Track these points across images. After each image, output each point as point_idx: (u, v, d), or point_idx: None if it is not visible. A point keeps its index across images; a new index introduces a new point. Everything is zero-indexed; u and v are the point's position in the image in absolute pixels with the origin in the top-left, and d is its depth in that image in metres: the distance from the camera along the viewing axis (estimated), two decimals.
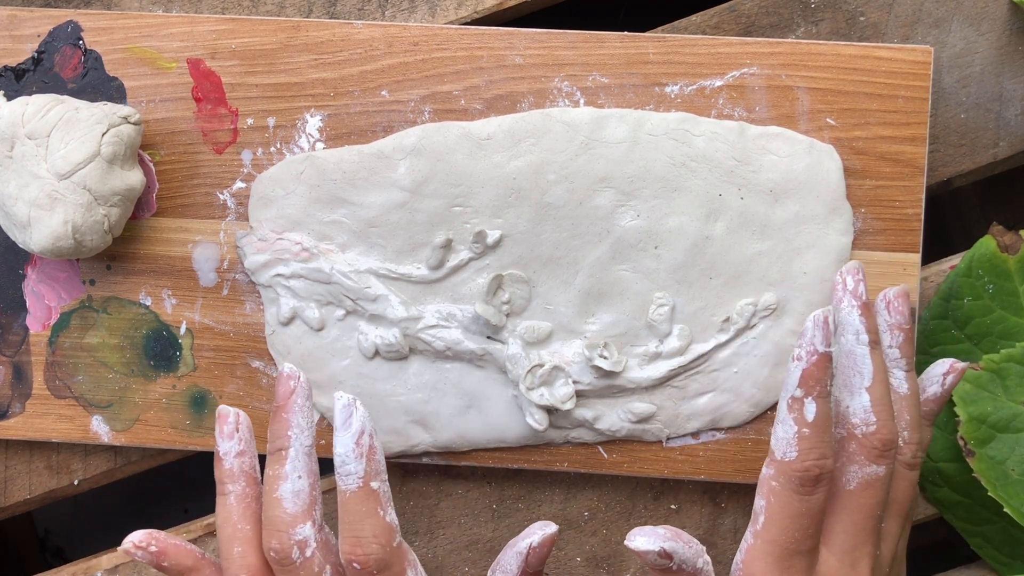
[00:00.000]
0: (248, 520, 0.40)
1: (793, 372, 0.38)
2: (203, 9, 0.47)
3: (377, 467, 0.38)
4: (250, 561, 0.39)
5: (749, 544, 0.38)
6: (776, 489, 0.37)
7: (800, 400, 0.37)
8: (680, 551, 0.37)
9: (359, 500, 0.38)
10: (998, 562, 0.46)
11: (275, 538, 0.38)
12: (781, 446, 0.37)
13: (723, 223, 0.44)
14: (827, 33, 0.46)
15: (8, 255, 0.46)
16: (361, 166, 0.44)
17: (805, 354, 0.37)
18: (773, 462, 0.38)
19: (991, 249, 0.45)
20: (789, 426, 0.37)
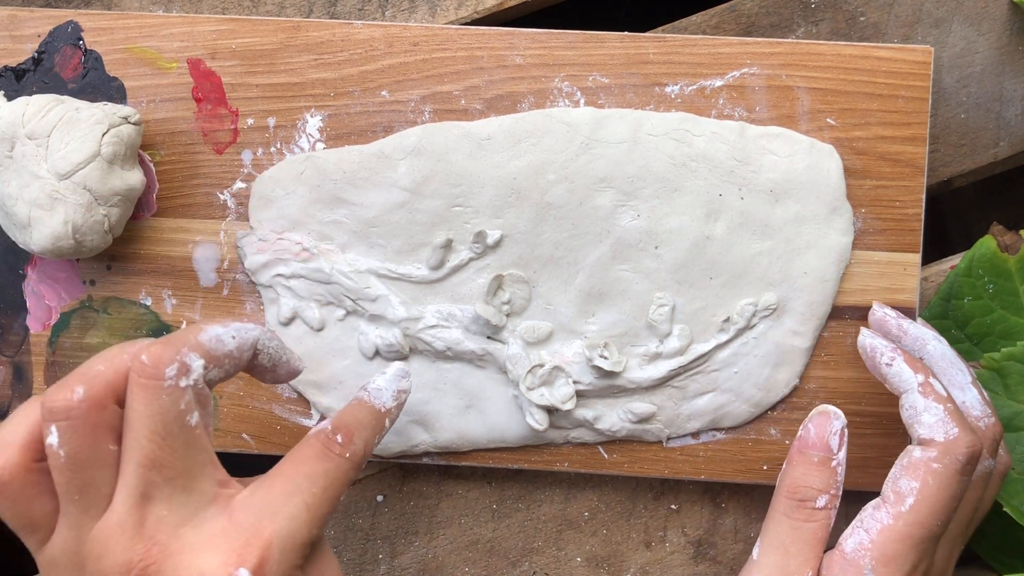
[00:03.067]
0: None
1: (901, 369, 0.39)
2: (203, 9, 0.47)
3: (394, 415, 0.39)
4: (104, 366, 0.34)
5: (886, 525, 0.37)
6: (938, 471, 0.37)
7: (927, 383, 0.38)
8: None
9: (362, 407, 0.38)
10: (998, 562, 0.46)
11: (163, 345, 0.33)
12: (939, 428, 0.38)
13: (723, 223, 0.44)
14: (827, 33, 0.46)
15: (8, 255, 0.46)
16: (361, 166, 0.44)
17: (895, 352, 0.39)
18: (935, 445, 0.37)
19: (991, 249, 0.45)
20: (935, 408, 0.38)
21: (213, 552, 0.32)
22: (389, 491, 0.47)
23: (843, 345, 0.45)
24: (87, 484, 0.32)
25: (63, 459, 0.32)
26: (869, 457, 0.45)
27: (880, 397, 0.45)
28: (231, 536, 0.32)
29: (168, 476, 0.32)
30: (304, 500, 0.34)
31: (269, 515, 0.33)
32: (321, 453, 0.35)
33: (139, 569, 0.31)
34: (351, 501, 0.47)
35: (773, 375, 0.44)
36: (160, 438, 0.32)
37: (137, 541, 0.32)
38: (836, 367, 0.45)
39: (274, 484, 0.34)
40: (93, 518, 0.32)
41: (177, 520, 0.32)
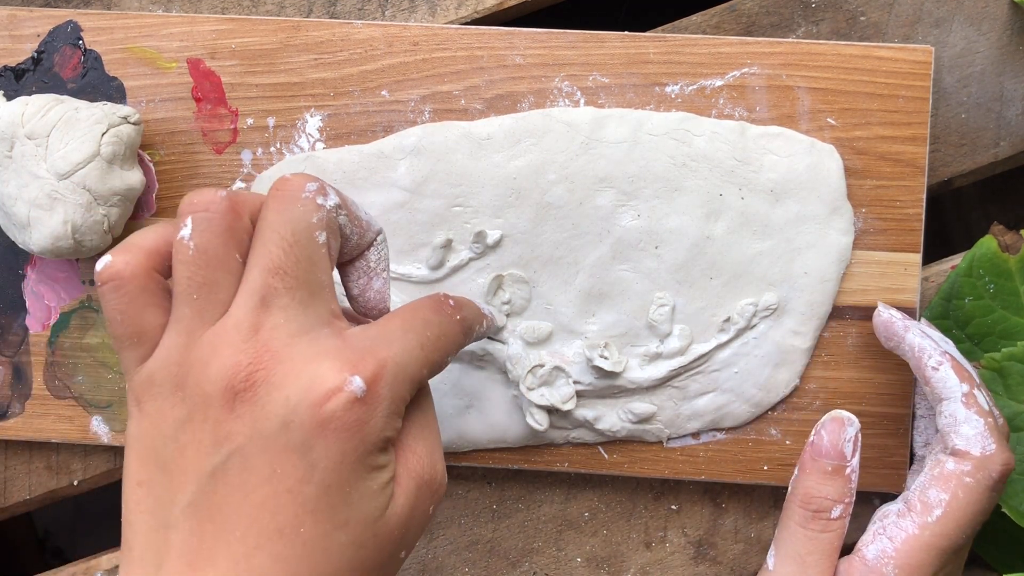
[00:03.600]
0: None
1: (947, 375, 0.39)
2: (203, 9, 0.47)
3: (485, 326, 0.39)
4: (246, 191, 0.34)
5: (912, 535, 0.37)
6: (970, 486, 0.37)
7: (971, 394, 0.38)
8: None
9: (466, 297, 0.39)
10: (998, 562, 0.46)
11: (306, 174, 0.33)
12: (977, 443, 0.37)
13: (724, 223, 0.44)
14: (828, 33, 0.46)
15: (8, 255, 0.46)
16: (361, 166, 0.44)
17: (943, 357, 0.39)
18: (970, 459, 0.37)
19: (992, 249, 0.45)
20: (976, 421, 0.38)
21: (327, 361, 0.31)
22: None
23: (844, 345, 0.44)
24: (209, 283, 0.31)
25: (192, 251, 0.31)
26: (870, 458, 0.45)
27: (881, 397, 0.45)
28: (345, 351, 0.31)
29: (289, 285, 0.32)
30: (418, 339, 0.33)
31: (385, 343, 0.32)
32: (435, 307, 0.35)
33: (248, 372, 0.31)
34: None
35: (773, 375, 0.44)
36: (288, 244, 0.32)
37: (250, 344, 0.31)
38: (837, 367, 0.45)
39: (389, 322, 0.34)
40: (207, 322, 0.31)
41: (292, 330, 0.31)
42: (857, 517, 0.43)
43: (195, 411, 0.31)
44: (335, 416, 0.30)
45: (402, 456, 0.33)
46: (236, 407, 0.31)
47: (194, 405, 0.31)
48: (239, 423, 0.31)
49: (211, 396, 0.31)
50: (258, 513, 0.30)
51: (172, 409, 0.31)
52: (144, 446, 0.32)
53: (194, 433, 0.31)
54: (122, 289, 0.31)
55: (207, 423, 0.31)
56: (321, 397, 0.30)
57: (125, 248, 0.32)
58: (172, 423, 0.31)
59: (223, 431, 0.31)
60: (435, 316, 0.35)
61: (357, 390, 0.31)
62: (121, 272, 0.31)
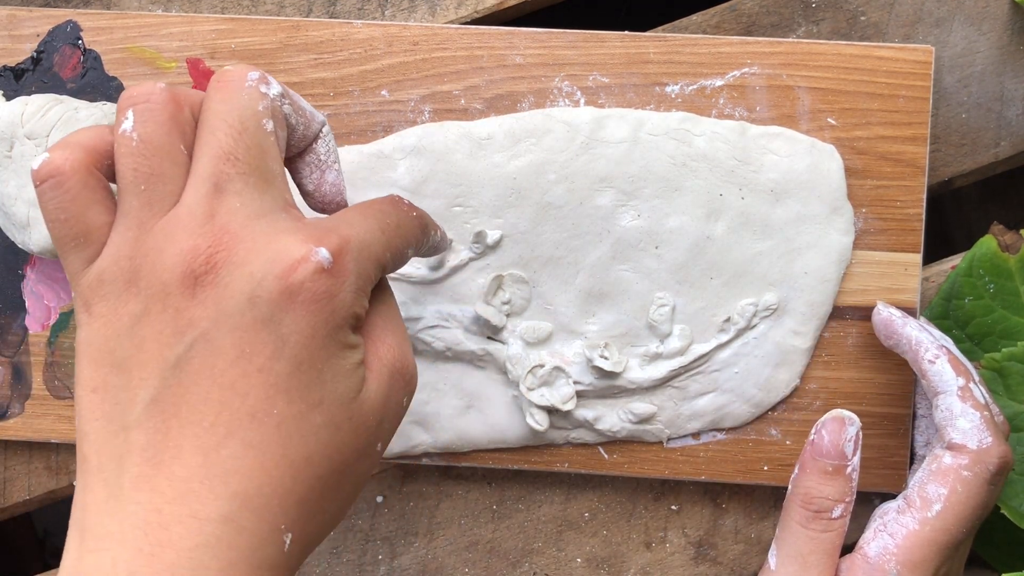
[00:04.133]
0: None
1: (943, 369, 0.39)
2: (202, 9, 0.47)
3: (438, 238, 0.39)
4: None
5: (912, 530, 0.37)
6: (968, 479, 0.37)
7: (967, 387, 0.38)
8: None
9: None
10: (998, 562, 0.46)
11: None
12: (974, 436, 0.38)
13: (724, 223, 0.43)
14: (828, 33, 0.46)
15: (7, 255, 0.46)
16: (361, 166, 0.44)
17: (940, 351, 0.39)
18: (967, 452, 0.37)
19: (992, 249, 0.44)
20: (972, 415, 0.38)
21: (290, 235, 0.30)
22: (389, 492, 0.47)
23: (844, 345, 0.44)
24: (156, 173, 0.30)
25: (136, 142, 0.30)
26: (870, 458, 0.45)
27: (882, 397, 0.45)
28: (307, 228, 0.30)
29: (241, 171, 0.30)
30: (378, 223, 0.33)
31: (345, 224, 0.31)
32: (392, 201, 0.35)
33: (207, 255, 0.29)
34: None
35: (774, 375, 0.44)
36: (236, 132, 0.31)
37: (207, 228, 0.29)
38: (837, 367, 0.45)
39: (347, 212, 0.33)
40: (157, 213, 0.30)
41: (250, 212, 0.30)
42: (857, 518, 0.43)
43: (152, 303, 0.29)
44: (303, 286, 0.29)
45: (371, 343, 0.32)
46: (197, 292, 0.29)
47: (150, 297, 0.29)
48: (201, 308, 0.29)
49: (169, 284, 0.29)
50: (228, 397, 0.29)
51: (126, 306, 0.30)
52: (97, 349, 0.30)
53: (152, 325, 0.29)
54: (63, 186, 0.30)
55: (166, 312, 0.29)
56: (287, 268, 0.29)
57: (63, 145, 0.30)
58: (127, 319, 0.30)
59: (184, 318, 0.29)
60: (392, 208, 0.34)
61: (324, 260, 0.29)
62: (60, 167, 0.30)
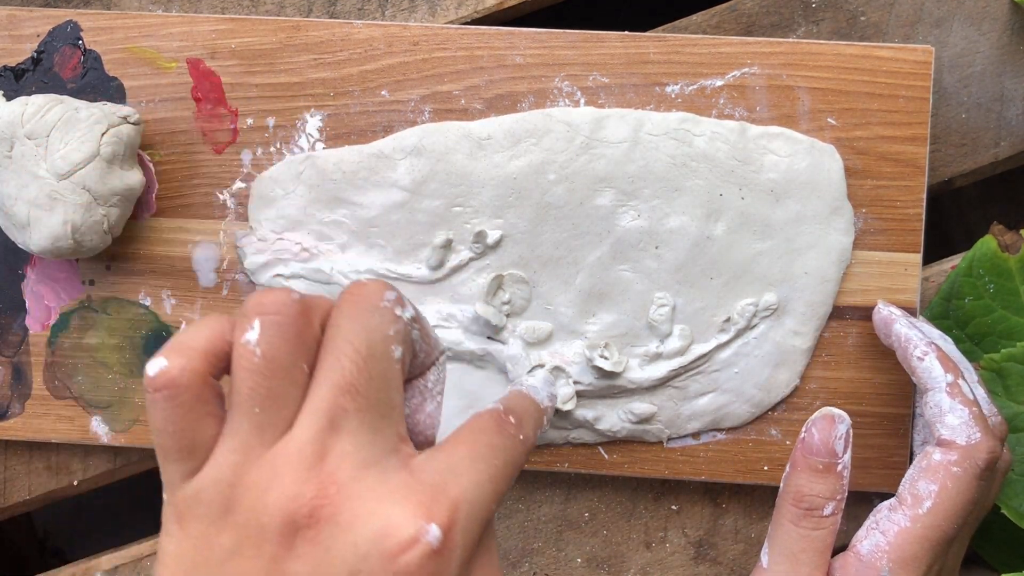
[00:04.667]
0: None
1: (932, 365, 0.39)
2: (203, 9, 0.47)
3: (549, 415, 0.36)
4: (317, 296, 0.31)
5: (904, 527, 0.37)
6: (958, 475, 0.37)
7: (956, 384, 0.38)
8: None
9: (525, 398, 0.35)
10: (998, 562, 0.46)
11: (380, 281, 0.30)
12: (963, 432, 0.38)
13: (724, 223, 0.43)
14: (828, 33, 0.46)
15: (8, 255, 0.46)
16: (361, 166, 0.44)
17: (929, 347, 0.39)
18: (956, 448, 0.38)
19: (992, 249, 0.44)
20: (960, 411, 0.38)
21: (399, 504, 0.28)
22: None
23: (844, 345, 0.44)
24: (274, 395, 0.28)
25: (258, 358, 0.28)
26: (870, 458, 0.45)
27: (881, 397, 0.45)
28: (416, 491, 0.28)
29: (360, 406, 0.28)
30: (488, 470, 0.30)
31: (454, 477, 0.29)
32: (498, 429, 0.32)
33: (312, 506, 0.27)
34: None
35: (774, 375, 0.44)
36: (362, 358, 0.28)
37: (315, 473, 0.27)
38: (837, 367, 0.45)
39: (455, 449, 0.30)
40: (267, 441, 0.28)
41: (360, 461, 0.28)
42: (857, 518, 0.43)
43: (246, 542, 0.28)
44: (408, 570, 0.27)
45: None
46: (295, 544, 0.27)
47: (246, 535, 0.28)
48: (298, 563, 0.27)
49: (267, 528, 0.27)
50: None
51: (219, 535, 0.28)
52: (183, 571, 0.28)
53: (244, 568, 0.28)
54: (177, 399, 0.28)
55: (260, 559, 0.27)
56: (395, 549, 0.27)
57: (180, 350, 0.28)
58: (219, 552, 0.28)
59: (278, 570, 0.27)
60: (500, 440, 0.31)
61: (434, 540, 0.27)
62: (177, 380, 0.28)
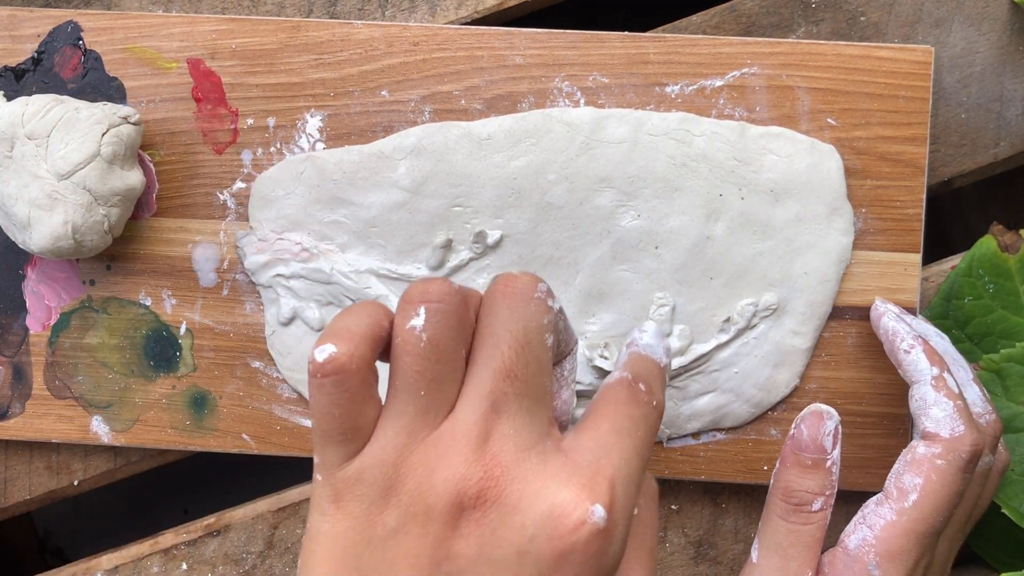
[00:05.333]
0: None
1: (918, 358, 0.39)
2: (203, 9, 0.47)
3: (668, 372, 0.36)
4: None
5: (890, 521, 0.37)
6: (942, 468, 0.37)
7: (941, 377, 0.39)
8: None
9: (646, 360, 0.35)
10: (998, 562, 0.46)
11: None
12: (947, 424, 0.38)
13: (724, 223, 0.44)
14: (828, 33, 0.46)
15: (8, 255, 0.46)
16: (361, 166, 0.44)
17: (916, 341, 0.40)
18: (940, 441, 0.38)
19: (992, 249, 0.45)
20: (944, 404, 0.38)
21: (563, 486, 0.29)
22: None
23: (844, 345, 0.45)
24: (438, 379, 0.29)
25: (424, 344, 0.29)
26: (870, 458, 0.45)
27: (881, 397, 0.45)
28: (576, 472, 0.29)
29: (519, 391, 0.29)
30: (633, 443, 0.31)
31: (605, 456, 0.30)
32: (633, 399, 0.32)
33: (479, 488, 0.28)
34: None
35: (773, 375, 0.44)
36: (520, 347, 0.29)
37: (479, 455, 0.28)
38: (837, 367, 0.45)
39: (599, 426, 0.31)
40: (431, 423, 0.29)
41: (521, 443, 0.29)
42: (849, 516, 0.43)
43: (412, 521, 0.28)
44: (576, 550, 0.28)
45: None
46: (461, 525, 0.28)
47: (411, 514, 0.28)
48: (464, 543, 0.28)
49: (434, 508, 0.28)
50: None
51: (381, 514, 0.29)
52: (341, 549, 0.29)
53: (409, 546, 0.28)
54: (344, 384, 0.28)
55: (426, 537, 0.28)
56: (563, 530, 0.28)
57: (345, 336, 0.29)
58: (381, 531, 0.29)
59: (444, 549, 0.28)
60: (637, 410, 0.32)
61: (600, 521, 0.28)
62: (346, 366, 0.28)
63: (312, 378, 0.29)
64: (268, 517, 0.47)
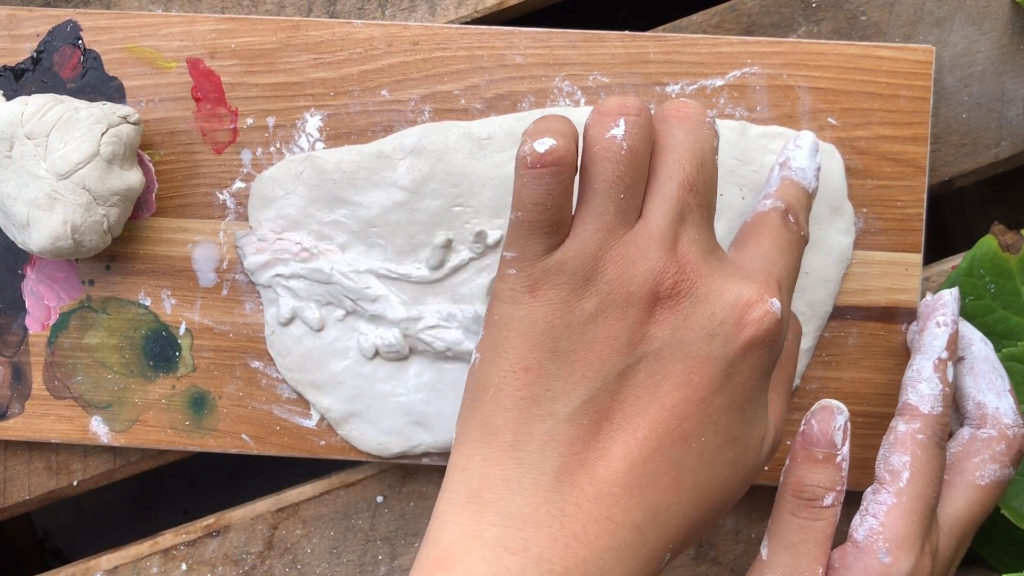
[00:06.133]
0: None
1: (940, 336, 0.40)
2: (203, 8, 0.47)
3: (814, 195, 0.41)
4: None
5: (892, 504, 0.38)
6: (924, 443, 0.38)
7: (945, 363, 0.39)
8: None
9: (794, 187, 0.39)
10: (998, 562, 0.46)
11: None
12: (928, 402, 0.39)
13: (724, 223, 0.43)
14: (828, 32, 0.46)
15: (7, 255, 0.46)
16: (361, 166, 0.44)
17: (950, 321, 0.40)
18: (918, 416, 0.39)
19: (992, 249, 0.44)
20: (935, 384, 0.39)
21: (745, 283, 0.33)
22: (389, 492, 0.47)
23: (844, 345, 0.44)
24: (634, 185, 0.32)
25: (625, 151, 0.32)
26: (870, 458, 0.45)
27: (882, 397, 0.45)
28: (751, 274, 0.34)
29: (699, 203, 0.33)
30: (789, 261, 0.36)
31: (772, 264, 0.35)
32: (786, 226, 0.37)
33: (674, 280, 0.32)
34: (350, 501, 0.47)
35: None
36: (699, 163, 0.33)
37: (672, 254, 0.32)
38: (837, 367, 0.45)
39: (760, 242, 0.36)
40: (627, 223, 0.32)
41: (704, 248, 0.33)
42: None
43: (610, 308, 0.32)
44: (758, 334, 0.32)
45: (771, 391, 0.36)
46: (655, 312, 0.32)
47: (611, 302, 0.32)
48: (658, 328, 0.32)
49: (633, 296, 0.32)
50: (665, 417, 0.31)
51: (580, 300, 0.32)
52: (539, 332, 0.32)
53: (608, 329, 0.32)
54: (560, 176, 0.31)
55: (624, 321, 0.32)
56: (748, 317, 0.32)
57: (559, 133, 0.31)
58: (580, 315, 0.32)
59: (640, 332, 0.32)
60: (790, 235, 0.36)
61: (776, 311, 0.33)
62: (564, 158, 0.31)
63: (528, 169, 0.31)
64: (268, 517, 0.47)
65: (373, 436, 0.45)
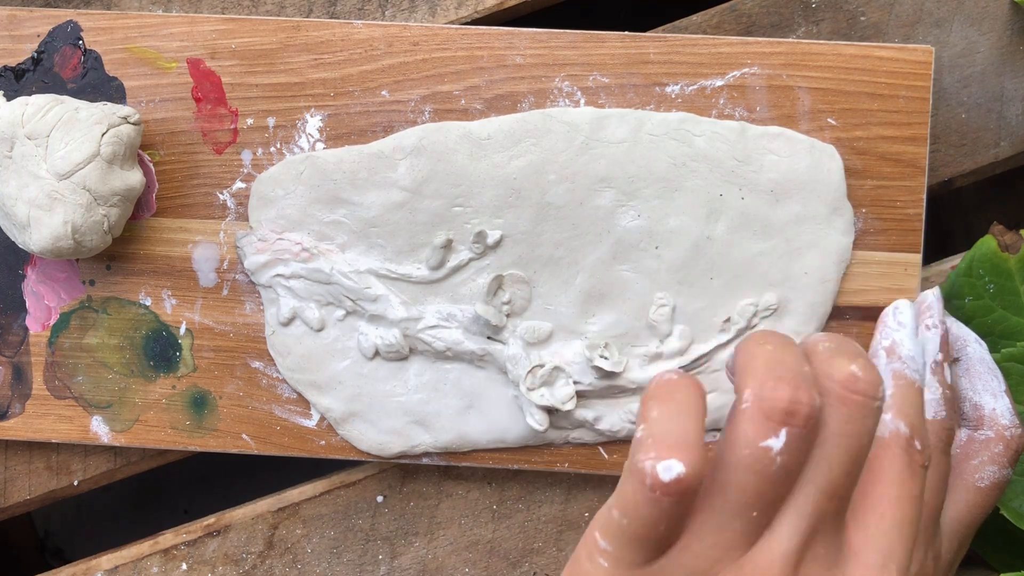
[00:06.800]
0: None
1: (932, 339, 0.39)
2: (203, 9, 0.47)
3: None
4: (804, 365, 0.29)
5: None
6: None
7: (941, 364, 0.39)
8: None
9: (915, 392, 0.34)
10: (998, 562, 0.46)
11: (870, 363, 0.29)
12: (931, 407, 0.38)
13: (724, 223, 0.44)
14: (828, 33, 0.46)
15: (8, 255, 0.46)
16: (361, 166, 0.44)
17: (939, 322, 0.40)
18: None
19: (992, 249, 0.44)
20: (935, 388, 0.38)
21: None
22: (389, 492, 0.47)
23: None
24: (775, 502, 0.28)
25: (777, 468, 0.27)
26: None
27: None
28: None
29: (838, 509, 0.28)
30: (912, 532, 0.30)
31: (892, 558, 0.29)
32: (911, 472, 0.31)
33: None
34: (350, 501, 0.47)
35: None
36: (850, 463, 0.28)
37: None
38: None
39: (883, 518, 0.30)
40: (748, 544, 0.28)
41: (827, 564, 0.28)
42: None
43: None
44: None
45: None
46: None
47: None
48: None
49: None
50: None
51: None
52: None
53: None
54: (683, 502, 0.27)
55: None
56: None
57: (685, 448, 0.27)
58: None
59: None
60: (916, 485, 0.31)
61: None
62: (691, 486, 0.27)
63: (648, 491, 0.27)
64: (268, 517, 0.47)
65: (373, 436, 0.45)
